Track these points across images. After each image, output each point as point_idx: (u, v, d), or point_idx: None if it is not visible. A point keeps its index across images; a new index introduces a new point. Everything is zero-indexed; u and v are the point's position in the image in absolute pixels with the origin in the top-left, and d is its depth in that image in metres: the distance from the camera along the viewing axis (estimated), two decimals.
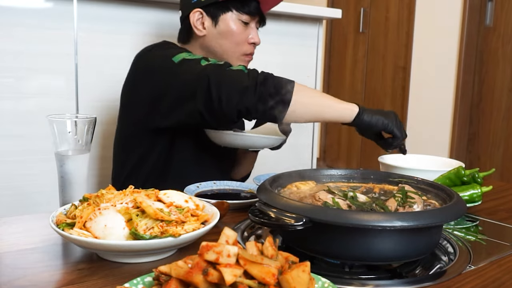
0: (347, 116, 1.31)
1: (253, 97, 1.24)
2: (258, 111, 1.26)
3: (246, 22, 1.53)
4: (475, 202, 1.23)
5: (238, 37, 1.53)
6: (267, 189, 0.91)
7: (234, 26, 1.51)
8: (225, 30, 1.52)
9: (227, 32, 1.52)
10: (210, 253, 0.56)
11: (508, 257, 0.92)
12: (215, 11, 1.51)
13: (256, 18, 1.56)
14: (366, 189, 1.06)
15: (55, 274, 0.80)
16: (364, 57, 4.77)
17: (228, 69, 1.29)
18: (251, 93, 1.24)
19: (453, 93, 3.94)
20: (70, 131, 1.04)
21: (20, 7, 1.79)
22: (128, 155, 1.57)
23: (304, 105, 1.28)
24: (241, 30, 1.53)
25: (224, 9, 1.51)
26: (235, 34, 1.52)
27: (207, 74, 1.27)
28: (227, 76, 1.27)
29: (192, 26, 1.53)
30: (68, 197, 1.05)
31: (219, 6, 1.50)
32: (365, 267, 0.85)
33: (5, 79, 1.79)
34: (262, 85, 1.24)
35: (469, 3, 3.79)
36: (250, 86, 1.24)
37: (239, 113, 1.26)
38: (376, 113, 1.31)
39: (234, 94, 1.25)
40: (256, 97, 1.24)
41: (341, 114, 1.31)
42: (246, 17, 1.52)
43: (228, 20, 1.51)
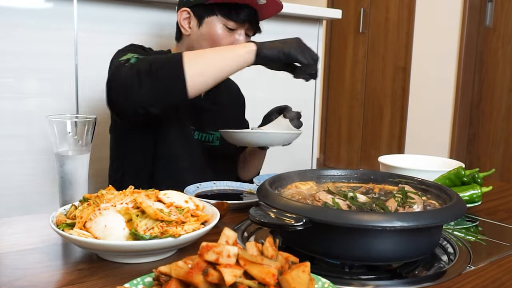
0: (248, 58, 1.28)
1: (140, 90, 1.19)
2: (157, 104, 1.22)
3: (232, 28, 1.48)
4: (475, 202, 1.23)
5: (220, 42, 1.48)
6: (267, 189, 0.91)
7: (217, 31, 1.48)
8: (207, 33, 1.49)
9: (209, 35, 1.48)
10: (210, 253, 0.56)
11: (508, 258, 0.92)
12: (201, 13, 1.49)
13: (244, 25, 1.50)
14: (366, 190, 1.06)
15: (55, 274, 0.80)
16: (364, 57, 4.77)
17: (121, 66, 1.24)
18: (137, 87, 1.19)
19: (453, 94, 3.94)
20: (70, 131, 1.04)
21: (20, 8, 1.79)
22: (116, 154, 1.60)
23: (201, 74, 1.23)
24: (224, 36, 1.48)
25: (209, 12, 1.48)
26: (217, 38, 1.48)
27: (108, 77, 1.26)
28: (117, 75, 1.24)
29: (179, 25, 1.53)
30: (68, 197, 1.05)
31: (205, 8, 1.48)
32: (365, 268, 0.85)
33: (5, 79, 1.79)
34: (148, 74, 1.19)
35: (469, 4, 3.79)
36: (133, 79, 1.19)
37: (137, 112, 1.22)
38: (276, 45, 1.29)
39: (120, 93, 1.22)
40: (144, 89, 1.19)
41: (242, 60, 1.28)
42: (231, 24, 1.48)
43: (211, 24, 1.48)
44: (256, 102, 1.97)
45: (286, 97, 2.50)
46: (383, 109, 4.61)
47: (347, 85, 4.98)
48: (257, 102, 1.99)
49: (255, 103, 1.94)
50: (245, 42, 1.33)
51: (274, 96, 2.45)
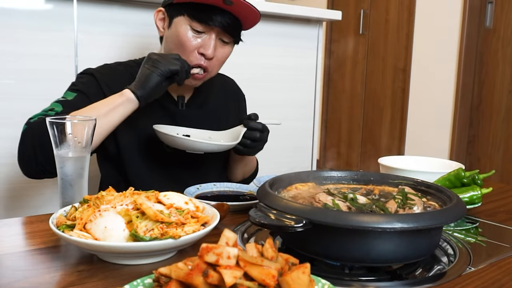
0: (131, 106, 1.31)
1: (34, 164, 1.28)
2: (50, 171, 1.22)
3: (199, 30, 1.39)
4: (475, 203, 1.23)
5: (184, 44, 1.40)
6: (267, 190, 0.91)
7: (182, 31, 1.39)
8: (174, 33, 1.41)
9: (176, 37, 1.41)
10: (210, 254, 0.56)
11: (508, 259, 0.92)
12: (171, 13, 1.43)
13: (213, 29, 1.39)
14: (366, 191, 1.06)
15: (55, 275, 0.80)
16: (364, 59, 4.77)
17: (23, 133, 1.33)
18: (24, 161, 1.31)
19: (453, 95, 3.94)
20: (70, 132, 1.04)
21: (20, 9, 1.80)
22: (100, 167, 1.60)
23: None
24: (190, 38, 1.39)
25: (177, 12, 1.41)
26: (182, 40, 1.39)
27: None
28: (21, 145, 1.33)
29: (155, 25, 1.50)
30: (68, 199, 1.05)
31: (174, 8, 1.42)
32: (365, 269, 0.85)
33: (5, 81, 1.79)
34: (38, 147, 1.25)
35: (469, 5, 3.79)
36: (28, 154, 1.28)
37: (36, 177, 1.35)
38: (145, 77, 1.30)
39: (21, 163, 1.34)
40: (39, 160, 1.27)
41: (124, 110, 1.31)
42: (197, 25, 1.38)
43: (178, 24, 1.40)
44: (255, 103, 1.97)
45: (286, 98, 2.51)
46: (383, 110, 4.62)
47: (347, 87, 4.99)
48: (256, 103, 2.00)
49: (255, 104, 1.94)
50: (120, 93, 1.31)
51: (274, 97, 2.46)
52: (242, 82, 1.81)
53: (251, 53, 1.57)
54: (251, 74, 2.29)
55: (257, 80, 1.66)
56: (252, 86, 1.63)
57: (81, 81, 1.47)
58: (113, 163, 1.51)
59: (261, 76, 1.61)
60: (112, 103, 1.30)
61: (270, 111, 2.32)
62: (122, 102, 1.30)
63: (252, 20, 1.44)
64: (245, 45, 1.59)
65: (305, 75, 2.57)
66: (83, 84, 1.46)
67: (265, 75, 2.39)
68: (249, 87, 1.65)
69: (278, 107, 2.46)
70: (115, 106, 1.30)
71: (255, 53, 1.65)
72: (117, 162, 1.50)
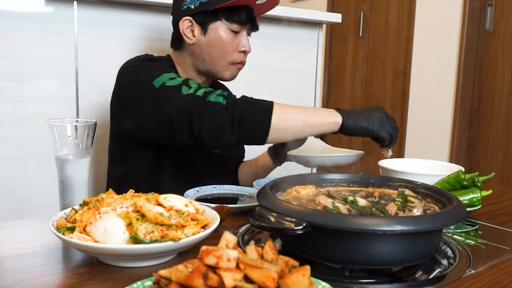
0: (332, 129, 1.33)
1: (232, 136, 1.25)
2: (239, 143, 1.31)
3: (236, 31, 1.50)
4: (475, 206, 1.23)
5: (227, 46, 1.50)
6: (267, 193, 0.91)
7: (223, 35, 1.49)
8: (214, 39, 1.49)
9: (216, 41, 1.49)
10: (210, 257, 0.56)
11: (508, 261, 0.92)
12: (204, 20, 1.48)
13: (247, 26, 1.52)
14: (366, 193, 1.06)
15: (55, 278, 0.80)
16: (364, 61, 4.78)
17: (207, 101, 1.27)
18: (230, 132, 1.25)
19: (452, 97, 3.94)
20: (70, 135, 1.04)
21: (20, 11, 1.80)
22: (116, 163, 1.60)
23: (284, 131, 1.29)
24: (230, 39, 1.50)
25: (213, 18, 1.48)
26: (224, 43, 1.49)
27: (188, 109, 1.27)
28: (207, 112, 1.26)
29: (182, 34, 1.51)
30: (68, 201, 1.05)
31: (208, 14, 1.48)
32: (365, 271, 0.85)
33: (5, 83, 1.79)
34: (240, 121, 1.25)
35: (468, 7, 3.80)
36: (228, 124, 1.24)
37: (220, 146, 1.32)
38: (360, 119, 1.31)
39: (214, 132, 1.26)
40: (235, 136, 1.25)
41: (324, 129, 1.33)
42: (236, 26, 1.49)
43: (217, 29, 1.48)
44: None
45: (285, 101, 2.50)
46: None
47: (347, 89, 4.99)
48: None
49: None
50: (331, 110, 1.34)
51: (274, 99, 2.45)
52: (242, 84, 1.81)
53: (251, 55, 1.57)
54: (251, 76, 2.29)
55: (257, 82, 1.66)
56: (252, 88, 1.63)
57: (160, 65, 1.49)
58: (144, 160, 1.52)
59: (261, 79, 1.61)
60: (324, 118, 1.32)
61: None
62: (330, 123, 1.31)
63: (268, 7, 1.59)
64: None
65: (305, 77, 2.57)
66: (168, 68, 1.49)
67: (265, 78, 2.39)
68: (249, 89, 1.64)
69: None
70: (324, 122, 1.32)
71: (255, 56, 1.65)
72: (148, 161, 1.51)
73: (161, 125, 1.32)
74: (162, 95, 1.32)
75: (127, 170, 1.54)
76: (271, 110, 1.27)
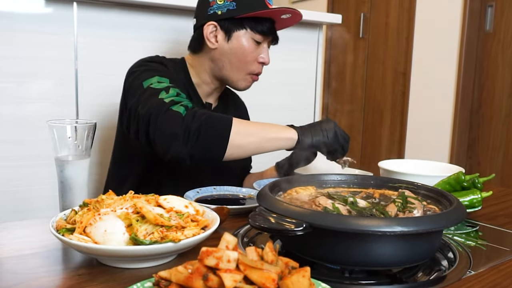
0: (289, 145, 1.34)
1: (184, 147, 1.24)
2: (193, 158, 1.27)
3: (259, 41, 1.52)
4: (475, 207, 1.23)
5: (248, 56, 1.52)
6: (267, 194, 0.91)
7: (246, 44, 1.51)
8: (236, 46, 1.51)
9: (239, 49, 1.51)
10: (210, 258, 0.56)
11: (508, 262, 0.92)
12: (229, 27, 1.50)
13: (269, 37, 1.55)
14: (366, 195, 1.06)
15: (55, 279, 0.80)
16: (364, 62, 4.78)
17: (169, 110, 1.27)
18: (181, 144, 1.24)
19: (453, 99, 3.94)
20: (70, 136, 1.04)
21: (20, 13, 1.80)
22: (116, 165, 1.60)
23: (241, 147, 1.29)
24: (252, 49, 1.52)
25: (238, 26, 1.50)
26: (246, 52, 1.51)
27: (150, 113, 1.28)
28: (164, 119, 1.26)
29: (205, 38, 1.52)
30: (68, 202, 1.05)
31: (234, 22, 1.49)
32: (365, 273, 0.85)
33: (5, 84, 1.80)
34: (195, 134, 1.23)
35: (469, 9, 3.80)
36: (180, 135, 1.23)
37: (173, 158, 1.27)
38: (315, 133, 1.34)
39: (165, 140, 1.25)
40: (188, 148, 1.24)
41: (281, 145, 1.34)
42: (259, 37, 1.51)
43: (241, 38, 1.50)
44: (255, 107, 1.97)
45: (285, 102, 2.51)
46: (383, 114, 4.62)
47: (347, 90, 4.99)
48: (256, 107, 2.00)
49: (255, 108, 1.94)
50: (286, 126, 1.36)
51: (274, 101, 2.46)
52: None
53: None
54: None
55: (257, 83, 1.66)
56: (252, 89, 1.63)
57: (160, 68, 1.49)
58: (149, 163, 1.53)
59: (261, 80, 1.61)
60: (280, 132, 1.33)
61: (269, 114, 2.32)
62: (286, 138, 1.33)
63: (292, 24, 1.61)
64: None
65: (305, 78, 2.57)
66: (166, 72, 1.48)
67: (265, 79, 2.38)
68: (248, 91, 1.65)
69: (278, 110, 2.46)
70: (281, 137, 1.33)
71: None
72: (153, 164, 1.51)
73: (135, 125, 1.35)
74: (145, 96, 1.34)
75: (127, 172, 1.55)
76: (230, 127, 1.27)
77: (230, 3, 1.48)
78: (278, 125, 1.37)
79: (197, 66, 1.59)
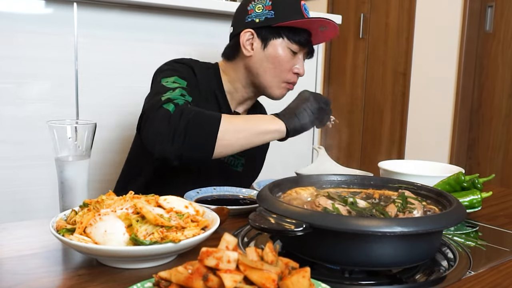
0: (277, 137, 1.32)
1: (169, 147, 1.21)
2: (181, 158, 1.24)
3: (295, 51, 1.51)
4: (475, 207, 1.23)
5: (284, 65, 1.52)
6: (267, 194, 0.91)
7: (282, 53, 1.50)
8: (272, 55, 1.50)
9: (274, 58, 1.50)
10: (210, 258, 0.56)
11: (508, 263, 0.92)
12: (266, 35, 1.50)
13: (305, 49, 1.54)
14: (366, 195, 1.06)
15: (55, 280, 0.80)
16: (364, 63, 4.78)
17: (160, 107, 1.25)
18: (165, 143, 1.21)
19: (453, 99, 3.94)
20: (70, 136, 1.04)
21: (20, 13, 1.80)
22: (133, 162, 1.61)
23: (230, 145, 1.27)
24: (288, 58, 1.51)
25: (275, 34, 1.49)
26: (282, 61, 1.51)
27: (144, 111, 1.30)
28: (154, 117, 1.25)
29: (241, 45, 1.51)
30: (68, 202, 1.05)
31: (271, 30, 1.49)
32: (365, 273, 0.85)
33: (5, 85, 1.80)
34: (181, 134, 1.21)
35: (469, 9, 3.80)
36: (166, 134, 1.21)
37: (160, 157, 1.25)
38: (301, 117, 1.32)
39: (152, 138, 1.24)
40: (174, 147, 1.21)
41: (270, 139, 1.33)
42: (295, 47, 1.51)
43: (277, 46, 1.50)
44: None
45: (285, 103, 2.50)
46: (383, 114, 4.62)
47: (347, 91, 4.99)
48: None
49: None
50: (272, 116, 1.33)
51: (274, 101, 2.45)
52: None
53: None
54: None
55: None
56: None
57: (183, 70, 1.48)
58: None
59: None
60: (267, 125, 1.31)
61: None
62: (274, 131, 1.31)
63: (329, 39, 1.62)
64: None
65: (305, 78, 2.56)
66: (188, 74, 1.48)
67: None
68: None
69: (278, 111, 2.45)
70: (269, 130, 1.31)
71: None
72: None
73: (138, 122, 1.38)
74: (151, 94, 1.36)
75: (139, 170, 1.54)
76: (218, 125, 1.24)
77: (268, 12, 1.48)
78: (265, 116, 1.35)
79: (230, 74, 1.58)
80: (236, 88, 1.58)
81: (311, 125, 1.34)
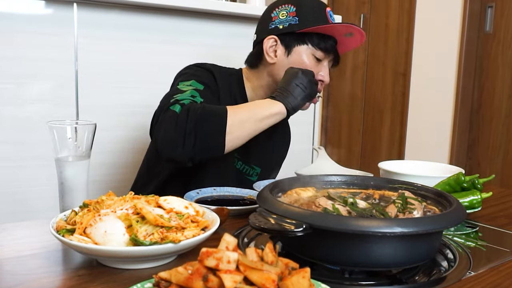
0: (280, 119, 1.34)
1: (181, 150, 1.21)
2: (194, 160, 1.25)
3: (319, 58, 1.48)
4: (475, 208, 1.23)
5: None
6: (267, 195, 0.91)
7: (306, 60, 1.47)
8: (296, 62, 1.47)
9: (298, 65, 1.46)
10: (210, 259, 0.56)
11: (508, 263, 0.92)
12: (290, 41, 1.47)
13: (330, 56, 1.51)
14: (366, 195, 1.06)
15: (55, 280, 0.80)
16: (364, 63, 4.78)
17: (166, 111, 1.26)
18: (176, 147, 1.21)
19: (453, 99, 3.94)
20: (70, 137, 1.04)
21: (21, 13, 1.80)
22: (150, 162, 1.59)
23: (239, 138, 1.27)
24: (312, 65, 1.47)
25: (299, 41, 1.47)
26: (306, 67, 1.45)
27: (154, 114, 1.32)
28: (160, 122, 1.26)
29: (264, 52, 1.49)
30: (68, 203, 1.05)
31: (295, 37, 1.47)
32: (365, 273, 0.85)
33: (5, 85, 1.80)
34: (191, 136, 1.21)
35: (469, 10, 3.80)
36: (175, 139, 1.21)
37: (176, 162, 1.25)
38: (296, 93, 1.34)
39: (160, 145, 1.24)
40: (185, 150, 1.21)
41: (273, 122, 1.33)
42: (320, 54, 1.48)
43: (301, 53, 1.47)
44: None
45: None
46: (383, 115, 4.62)
47: (347, 91, 4.99)
48: None
49: None
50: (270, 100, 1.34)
51: None
52: None
53: None
54: None
55: None
56: None
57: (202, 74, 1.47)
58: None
59: None
60: (268, 110, 1.31)
61: None
62: (276, 114, 1.32)
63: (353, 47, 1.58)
64: (245, 49, 1.60)
65: None
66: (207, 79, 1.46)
67: None
68: None
69: None
70: (271, 114, 1.31)
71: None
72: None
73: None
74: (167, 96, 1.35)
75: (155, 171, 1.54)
76: (225, 120, 1.24)
77: (292, 18, 1.46)
78: (263, 101, 1.35)
79: (253, 81, 1.57)
80: (259, 95, 1.56)
81: (306, 100, 1.36)
